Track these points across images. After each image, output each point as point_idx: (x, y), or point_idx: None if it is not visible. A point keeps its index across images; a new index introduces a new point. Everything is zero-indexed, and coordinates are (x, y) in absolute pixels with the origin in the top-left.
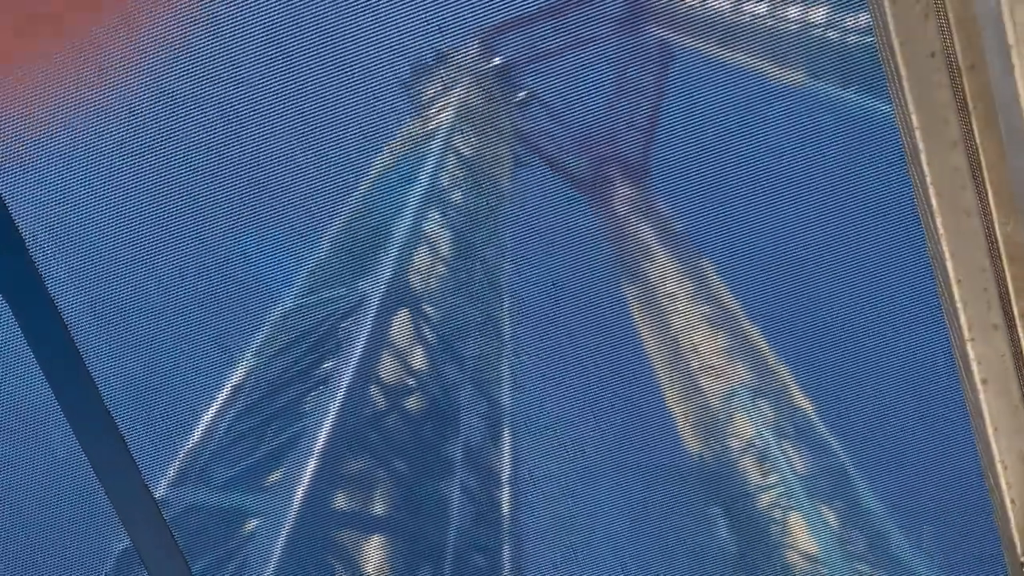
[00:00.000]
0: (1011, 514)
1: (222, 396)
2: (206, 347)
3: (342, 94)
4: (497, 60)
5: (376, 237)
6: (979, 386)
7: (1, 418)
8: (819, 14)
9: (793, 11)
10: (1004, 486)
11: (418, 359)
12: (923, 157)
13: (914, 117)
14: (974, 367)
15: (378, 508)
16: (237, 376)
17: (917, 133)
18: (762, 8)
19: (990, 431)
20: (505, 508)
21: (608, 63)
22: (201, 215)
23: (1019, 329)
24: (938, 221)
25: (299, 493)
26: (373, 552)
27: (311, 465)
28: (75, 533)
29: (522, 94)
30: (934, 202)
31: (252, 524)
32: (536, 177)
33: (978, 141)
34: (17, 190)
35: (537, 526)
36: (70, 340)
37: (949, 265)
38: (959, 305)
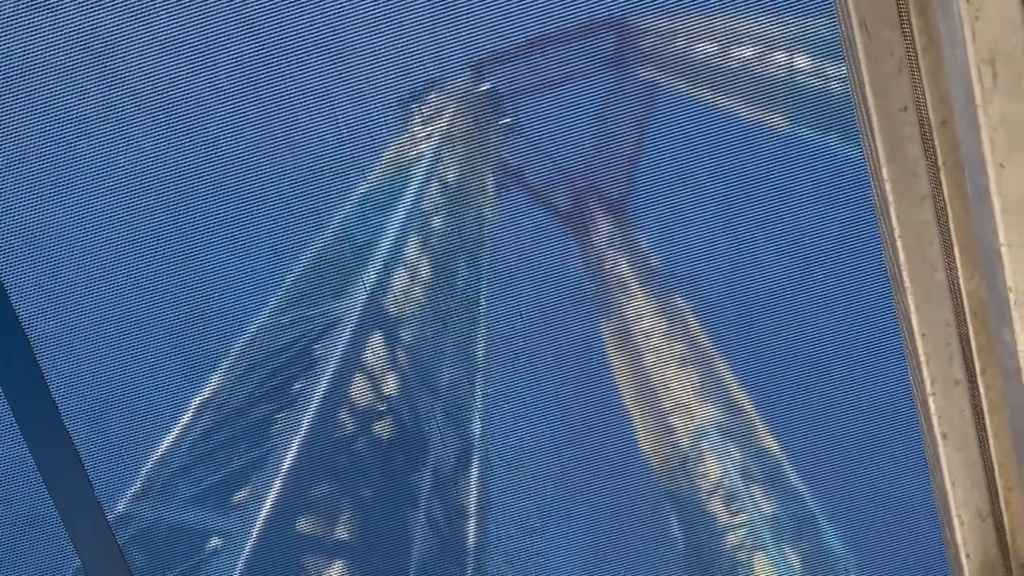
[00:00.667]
0: (966, 569)
1: (187, 414)
2: (172, 363)
3: (322, 116)
4: (483, 87)
5: (353, 259)
6: (939, 440)
7: None
8: (800, 60)
9: (773, 55)
10: (960, 541)
11: (390, 384)
12: (892, 210)
13: (884, 170)
14: (935, 421)
15: (341, 533)
16: (203, 394)
17: (887, 185)
18: (745, 52)
19: (948, 485)
20: (471, 539)
21: (593, 99)
22: (173, 229)
23: (980, 385)
24: (904, 274)
25: (262, 516)
26: None
27: (275, 487)
28: (24, 553)
29: (507, 119)
30: (901, 255)
31: (212, 545)
32: (517, 207)
33: (946, 197)
34: None
35: (502, 558)
36: (28, 344)
37: (914, 318)
38: (922, 359)
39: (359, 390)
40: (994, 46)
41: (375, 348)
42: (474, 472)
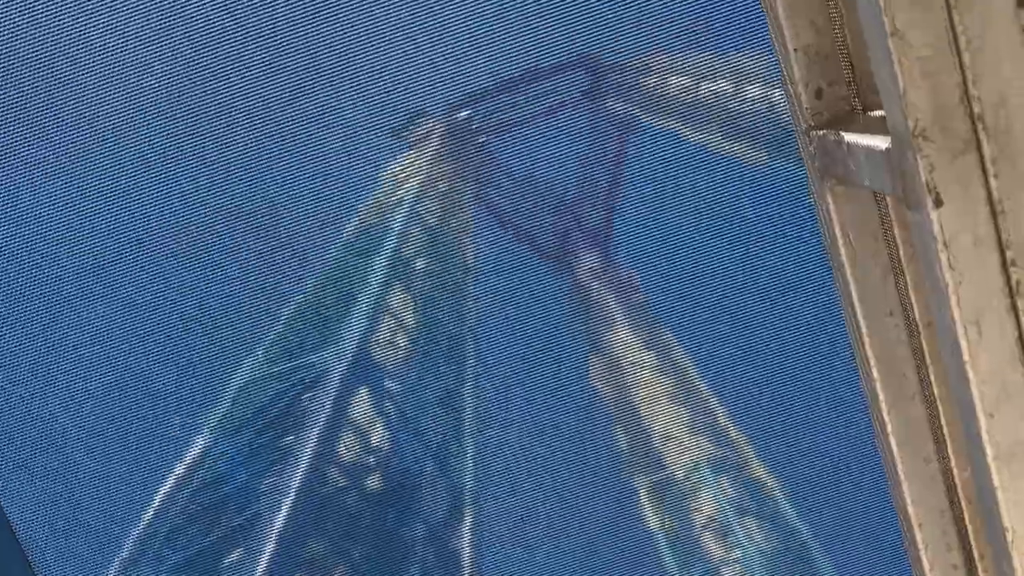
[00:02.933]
0: None
1: (175, 474)
2: (158, 419)
3: (306, 162)
4: (462, 120)
5: (338, 308)
6: None
7: None
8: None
9: (752, 90)
10: None
11: (378, 434)
12: (883, 407)
13: (874, 370)
14: None
15: None
16: (191, 453)
17: (877, 385)
18: (722, 86)
19: None
20: None
21: (571, 134)
22: (159, 275)
23: (979, 570)
24: (899, 468)
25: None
26: None
27: (267, 549)
28: None
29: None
30: (895, 450)
31: None
32: (500, 247)
33: (936, 395)
34: None
35: None
36: None
37: (910, 509)
38: (921, 547)
39: (347, 444)
40: (978, 305)
41: (362, 399)
42: (467, 521)
